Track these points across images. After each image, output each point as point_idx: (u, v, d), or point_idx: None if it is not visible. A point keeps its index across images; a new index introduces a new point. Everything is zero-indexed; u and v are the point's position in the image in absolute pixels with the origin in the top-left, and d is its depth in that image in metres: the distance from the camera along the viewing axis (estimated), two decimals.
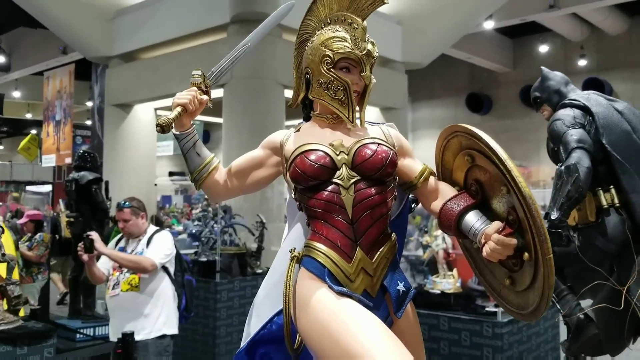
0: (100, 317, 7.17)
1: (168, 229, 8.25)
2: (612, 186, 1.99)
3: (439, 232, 5.55)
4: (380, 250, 1.59)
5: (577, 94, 2.17)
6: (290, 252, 1.62)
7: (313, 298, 1.52)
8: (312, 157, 1.59)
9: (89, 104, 14.03)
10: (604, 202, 1.99)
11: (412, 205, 1.87)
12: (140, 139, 11.03)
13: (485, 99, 18.01)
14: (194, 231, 10.31)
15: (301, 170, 1.58)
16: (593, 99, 2.08)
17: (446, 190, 1.70)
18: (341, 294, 1.52)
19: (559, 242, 1.52)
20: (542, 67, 2.46)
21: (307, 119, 1.84)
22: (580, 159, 1.89)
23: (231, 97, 8.79)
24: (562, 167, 1.87)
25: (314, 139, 1.67)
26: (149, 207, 10.75)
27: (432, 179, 1.73)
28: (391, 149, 1.65)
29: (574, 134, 1.96)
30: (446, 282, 4.71)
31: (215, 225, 6.29)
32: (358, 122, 1.73)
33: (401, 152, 1.73)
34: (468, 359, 4.30)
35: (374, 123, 1.80)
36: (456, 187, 1.72)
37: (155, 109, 11.22)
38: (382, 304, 1.57)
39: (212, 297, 5.73)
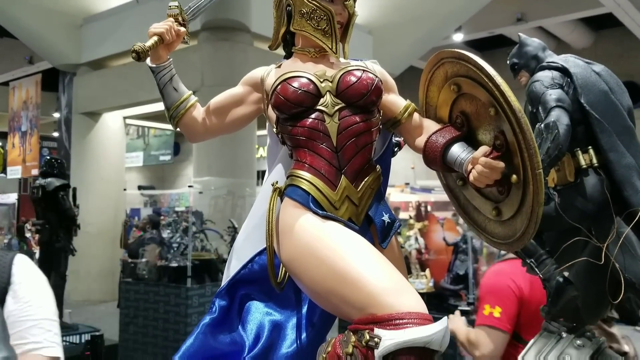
0: (68, 327, 7.03)
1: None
2: (590, 147, 2.01)
3: (412, 232, 5.57)
4: (365, 180, 1.55)
5: (554, 57, 2.20)
6: (272, 185, 1.57)
7: (297, 224, 1.48)
8: (295, 83, 1.55)
9: (56, 115, 13.79)
10: (583, 163, 2.01)
11: (395, 149, 1.85)
12: (109, 148, 10.87)
13: None
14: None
15: (284, 96, 1.54)
16: (571, 61, 2.11)
17: (430, 126, 1.67)
18: (326, 217, 1.48)
19: None
20: (520, 34, 2.49)
21: (288, 57, 1.78)
22: (559, 117, 1.90)
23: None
24: (542, 125, 1.89)
25: (297, 69, 1.62)
26: (119, 215, 10.62)
27: (416, 115, 1.70)
28: (376, 77, 1.61)
29: (553, 94, 1.98)
30: (419, 282, 4.72)
31: (186, 225, 6.22)
32: (342, 59, 1.68)
33: (386, 87, 1.69)
34: (441, 357, 4.30)
35: (357, 59, 1.75)
36: (441, 124, 1.68)
37: (125, 118, 11.10)
38: (367, 234, 1.53)
39: (183, 303, 5.64)
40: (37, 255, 8.81)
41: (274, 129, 1.64)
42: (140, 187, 19.57)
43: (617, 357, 1.89)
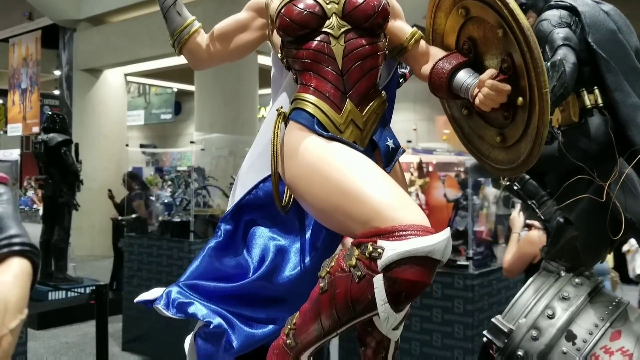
0: (72, 280, 7.13)
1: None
2: (595, 87, 2.01)
3: (413, 188, 5.59)
4: (370, 104, 1.55)
5: None
6: (277, 110, 1.58)
7: (301, 145, 1.49)
8: (301, 5, 1.54)
9: (57, 72, 13.70)
10: (588, 103, 2.01)
11: (400, 80, 1.85)
12: (111, 105, 10.85)
13: None
14: (166, 201, 10.23)
15: (289, 18, 1.52)
16: (579, 0, 2.09)
17: (437, 53, 1.67)
18: (331, 139, 1.49)
19: None
20: None
21: None
22: (566, 56, 1.90)
23: None
24: (548, 64, 1.88)
25: None
26: (121, 172, 10.66)
27: (422, 42, 1.69)
28: None
29: (560, 32, 1.96)
30: None
31: (189, 182, 6.26)
32: None
33: (392, 13, 1.66)
34: (440, 310, 4.38)
35: None
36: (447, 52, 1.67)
37: (125, 75, 11.03)
38: (372, 158, 1.53)
39: (186, 257, 5.71)
40: (40, 211, 8.89)
41: (279, 55, 1.63)
42: (142, 146, 19.58)
43: (614, 295, 1.93)
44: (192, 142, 6.74)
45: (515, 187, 2.10)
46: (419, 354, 4.37)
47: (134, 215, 7.67)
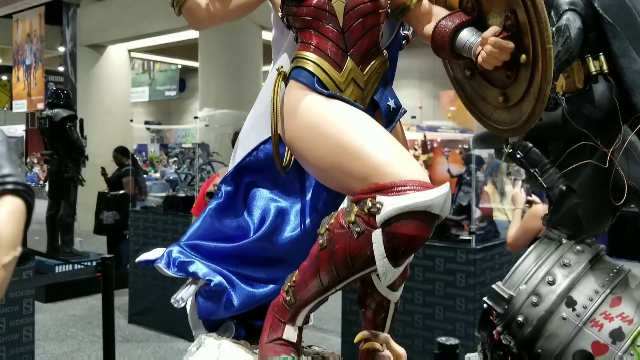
0: (79, 254, 7.19)
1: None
2: (601, 53, 1.99)
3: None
4: (372, 63, 1.55)
5: None
6: (277, 70, 1.57)
7: (301, 104, 1.49)
8: None
9: (61, 49, 13.63)
10: (593, 69, 1.99)
11: (403, 42, 1.84)
12: (115, 81, 10.83)
13: None
14: (171, 177, 10.27)
15: None
16: None
17: (440, 12, 1.65)
18: (331, 97, 1.49)
19: (546, 105, 1.54)
20: None
21: None
22: (571, 20, 1.88)
23: (207, 37, 8.64)
24: (553, 29, 1.87)
25: None
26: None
27: (425, 2, 1.67)
28: None
29: None
30: None
31: (194, 158, 6.28)
32: None
33: None
34: (442, 284, 4.41)
35: None
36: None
37: (129, 50, 10.99)
38: (373, 118, 1.52)
39: None
40: (47, 187, 8.93)
41: (279, 14, 1.62)
42: (146, 123, 19.57)
43: (615, 263, 1.94)
44: (196, 117, 6.74)
45: (518, 156, 2.10)
46: (421, 326, 4.42)
47: (121, 192, 7.76)
